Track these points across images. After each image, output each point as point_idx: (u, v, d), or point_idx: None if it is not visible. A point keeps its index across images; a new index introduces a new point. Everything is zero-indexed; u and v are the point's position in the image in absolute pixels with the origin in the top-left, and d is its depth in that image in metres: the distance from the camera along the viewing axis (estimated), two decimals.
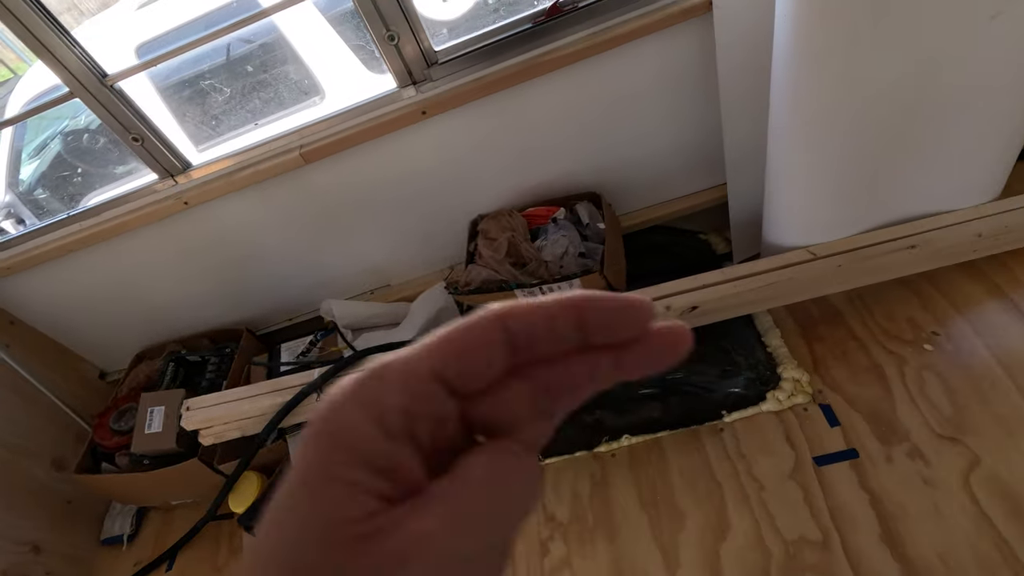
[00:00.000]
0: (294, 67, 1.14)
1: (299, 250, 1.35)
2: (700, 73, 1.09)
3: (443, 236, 1.34)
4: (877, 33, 0.77)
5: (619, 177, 1.26)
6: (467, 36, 1.05)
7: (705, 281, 1.07)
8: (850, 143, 0.92)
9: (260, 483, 1.17)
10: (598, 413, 1.11)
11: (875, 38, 0.78)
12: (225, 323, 1.50)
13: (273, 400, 1.11)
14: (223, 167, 1.17)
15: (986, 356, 1.02)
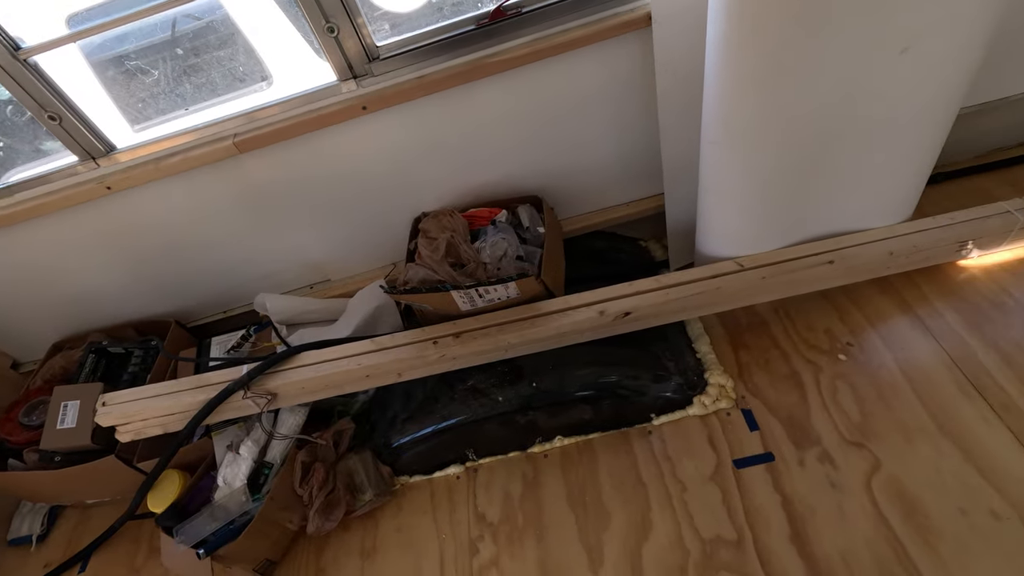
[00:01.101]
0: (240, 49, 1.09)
1: (234, 241, 1.31)
2: (641, 85, 1.11)
3: (385, 233, 1.32)
4: (798, 60, 0.81)
5: (562, 182, 1.28)
6: (410, 33, 1.04)
7: (639, 288, 1.10)
8: (775, 163, 0.96)
9: (182, 481, 1.13)
10: (532, 414, 1.12)
11: (796, 65, 0.82)
12: (153, 314, 1.43)
13: (196, 397, 1.07)
14: (150, 152, 1.12)
15: (892, 367, 1.09)
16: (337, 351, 1.12)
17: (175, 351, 1.35)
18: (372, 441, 1.20)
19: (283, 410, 1.17)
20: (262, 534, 1.05)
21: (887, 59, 0.84)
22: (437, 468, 1.19)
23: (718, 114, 0.92)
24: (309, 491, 1.10)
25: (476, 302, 1.08)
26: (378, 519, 1.15)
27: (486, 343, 1.07)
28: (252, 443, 1.12)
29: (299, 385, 1.09)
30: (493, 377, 1.14)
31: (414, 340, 1.10)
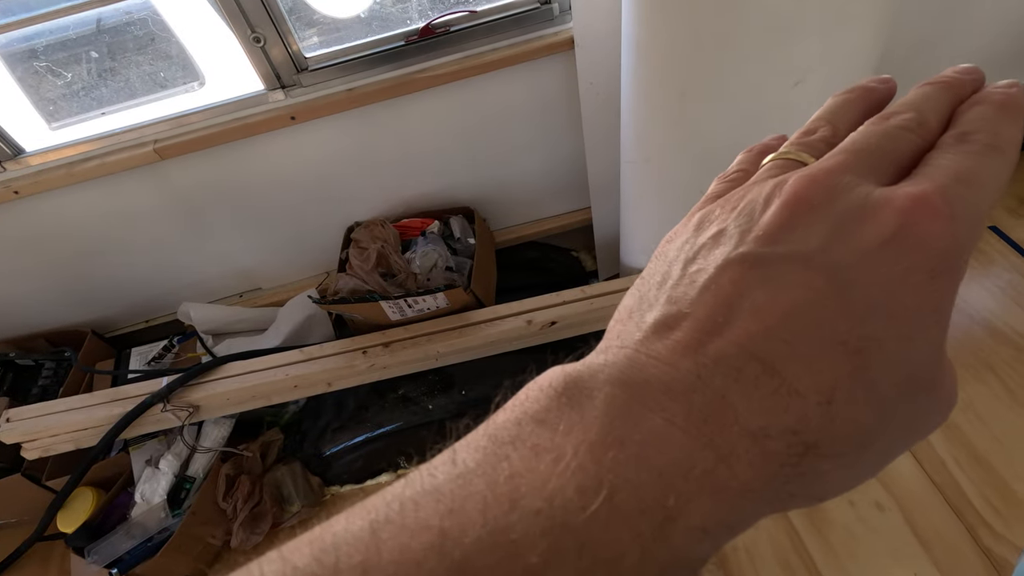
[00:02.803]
0: (171, 51, 1.06)
1: (157, 249, 1.27)
2: (567, 104, 1.16)
3: (318, 242, 1.32)
4: (700, 93, 0.88)
5: (494, 194, 1.31)
6: (339, 46, 1.04)
7: (565, 298, 1.14)
8: (688, 183, 1.03)
9: (95, 499, 1.08)
10: (463, 421, 1.15)
11: (700, 94, 0.88)
12: (67, 324, 1.36)
13: (111, 411, 1.03)
14: (64, 156, 1.08)
15: None
16: (264, 361, 1.10)
17: (91, 363, 1.29)
18: (302, 451, 1.19)
19: (207, 422, 1.14)
20: (182, 550, 1.02)
21: (783, 91, 0.92)
22: (369, 477, 1.19)
23: (634, 136, 0.97)
24: (233, 504, 1.08)
25: (406, 312, 1.09)
26: (307, 530, 1.14)
27: (416, 352, 1.08)
28: (173, 457, 1.09)
29: (223, 397, 1.07)
30: (424, 386, 1.16)
31: (343, 350, 1.10)
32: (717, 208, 0.18)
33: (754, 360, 0.14)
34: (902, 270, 0.14)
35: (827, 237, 0.15)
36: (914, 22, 1.14)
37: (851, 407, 0.14)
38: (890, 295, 0.14)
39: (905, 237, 0.14)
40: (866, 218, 0.15)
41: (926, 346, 0.15)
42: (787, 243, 0.15)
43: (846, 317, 0.14)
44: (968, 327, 1.16)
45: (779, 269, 0.15)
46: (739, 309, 0.15)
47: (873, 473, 0.15)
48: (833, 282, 0.14)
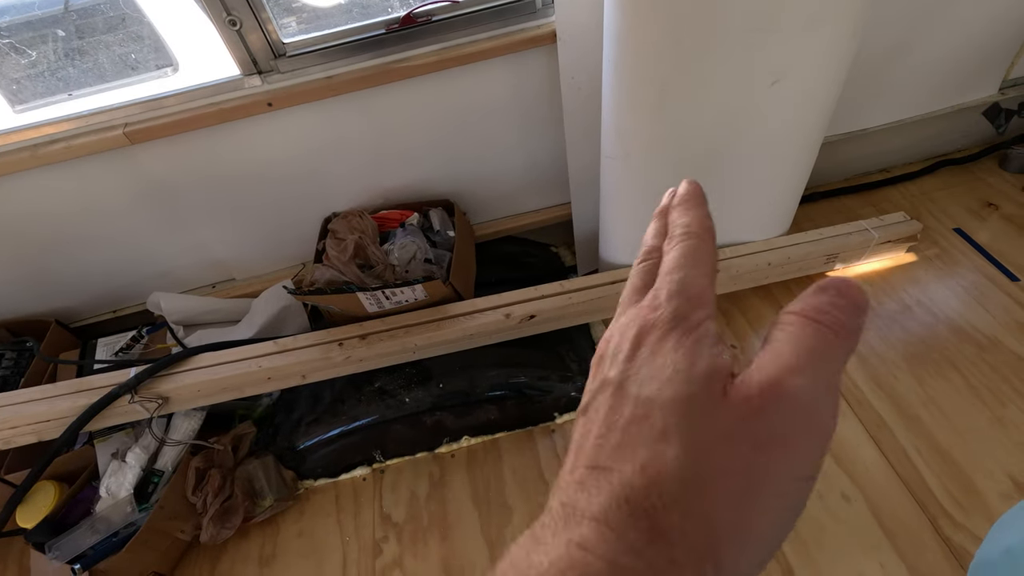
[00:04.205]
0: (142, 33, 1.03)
1: (125, 237, 1.23)
2: (549, 97, 1.16)
3: (293, 232, 1.29)
4: (681, 87, 0.89)
5: (474, 187, 1.31)
6: (318, 32, 1.03)
7: (544, 292, 1.14)
8: (666, 179, 1.04)
9: (58, 494, 1.05)
10: (439, 415, 1.14)
11: (679, 91, 0.89)
12: (30, 313, 1.32)
13: (75, 402, 1.00)
14: (27, 138, 1.04)
15: None
16: (237, 353, 1.08)
17: (55, 353, 1.25)
18: (275, 445, 1.17)
19: (177, 415, 1.12)
20: (149, 545, 1.00)
21: (760, 89, 0.93)
22: (343, 470, 1.18)
23: (614, 132, 0.98)
24: (203, 498, 1.05)
25: (383, 304, 1.08)
26: (279, 524, 1.12)
27: (393, 345, 1.07)
28: (140, 450, 1.06)
29: (194, 388, 1.05)
30: (401, 379, 1.15)
31: (319, 342, 1.08)
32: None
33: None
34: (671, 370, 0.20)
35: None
36: (890, 25, 1.17)
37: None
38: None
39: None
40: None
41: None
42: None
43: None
44: (933, 325, 1.20)
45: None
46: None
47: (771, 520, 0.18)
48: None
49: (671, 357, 0.19)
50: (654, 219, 0.26)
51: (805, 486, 0.18)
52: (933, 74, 1.32)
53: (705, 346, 0.19)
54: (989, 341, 1.15)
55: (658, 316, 0.21)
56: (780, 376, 0.18)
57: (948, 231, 1.37)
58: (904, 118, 1.40)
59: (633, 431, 0.19)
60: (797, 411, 0.17)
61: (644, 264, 0.24)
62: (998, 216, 1.38)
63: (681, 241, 0.23)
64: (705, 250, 0.23)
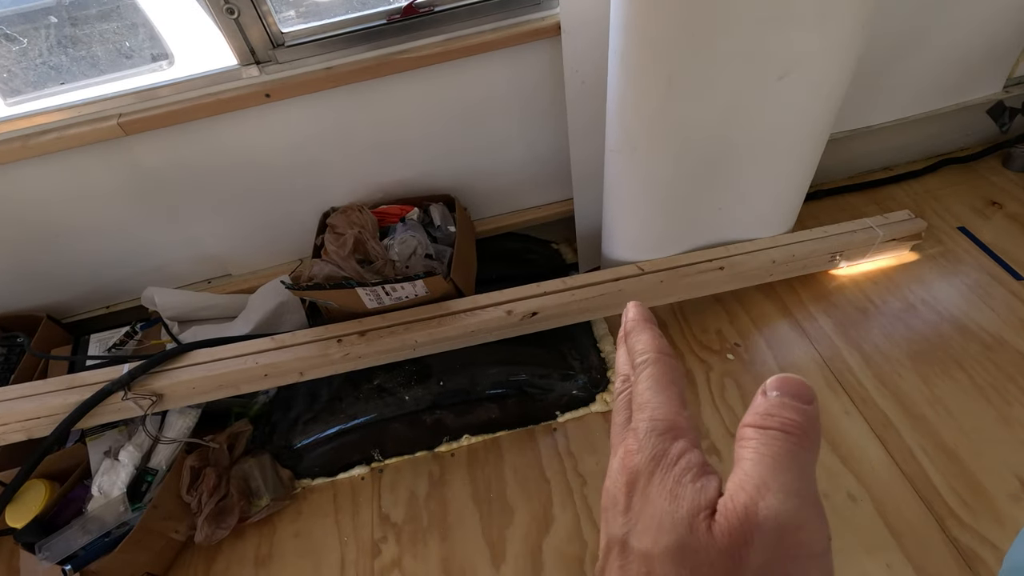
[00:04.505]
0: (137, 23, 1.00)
1: (119, 231, 1.20)
2: (552, 91, 1.15)
3: (291, 227, 1.27)
4: (688, 81, 0.87)
5: (475, 182, 1.29)
6: (317, 22, 1.00)
7: (546, 289, 1.12)
8: (672, 174, 1.03)
9: (48, 493, 1.02)
10: (439, 413, 1.12)
11: (686, 85, 0.87)
12: (21, 308, 1.29)
13: (67, 399, 0.97)
14: (18, 128, 1.01)
15: (772, 365, 1.19)
16: (233, 349, 1.06)
17: (46, 349, 1.22)
18: (272, 443, 1.15)
19: (171, 412, 1.09)
20: (142, 546, 0.98)
21: (767, 84, 0.92)
22: (341, 470, 1.16)
23: (619, 126, 0.96)
24: (198, 498, 1.03)
25: (383, 300, 1.06)
26: (276, 524, 1.10)
27: (393, 342, 1.05)
28: (134, 448, 1.04)
29: (189, 385, 1.03)
30: (400, 376, 1.13)
31: (317, 338, 1.06)
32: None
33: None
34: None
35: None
36: (895, 22, 1.16)
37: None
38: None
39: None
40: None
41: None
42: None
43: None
44: (937, 324, 1.19)
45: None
46: None
47: None
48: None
49: (658, 504, 0.20)
50: (619, 345, 0.28)
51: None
52: (938, 72, 1.31)
53: (686, 484, 0.20)
54: (994, 340, 1.14)
55: (639, 460, 0.22)
56: (752, 500, 0.18)
57: (952, 229, 1.36)
58: (908, 116, 1.39)
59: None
60: (778, 536, 0.18)
61: (623, 396, 0.26)
62: (1002, 215, 1.37)
63: (641, 370, 0.24)
64: (663, 372, 0.24)
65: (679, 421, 0.22)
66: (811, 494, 0.19)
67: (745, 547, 0.18)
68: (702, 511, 0.19)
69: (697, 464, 0.21)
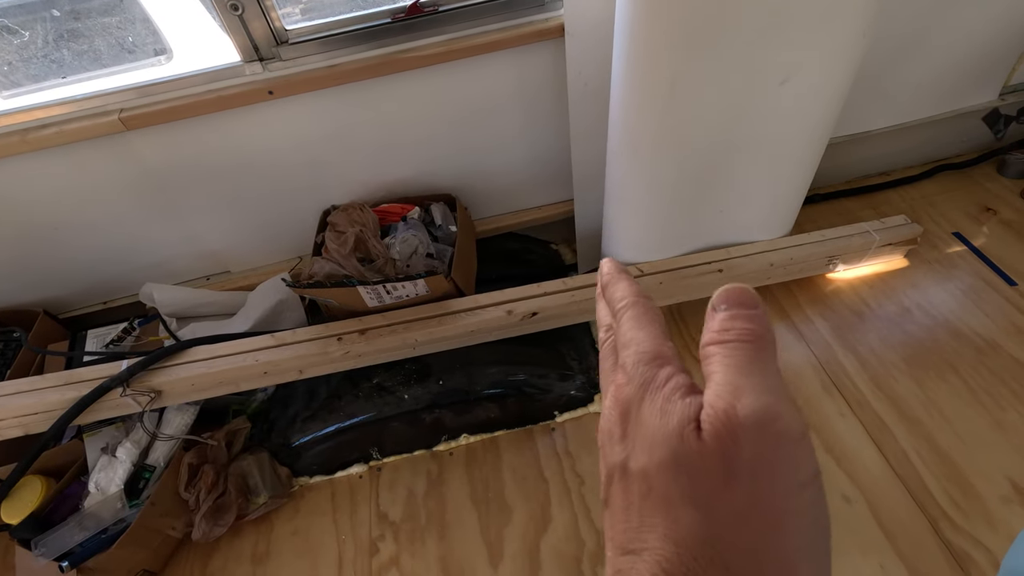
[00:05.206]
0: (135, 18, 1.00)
1: (118, 226, 1.20)
2: (554, 92, 1.15)
3: (291, 224, 1.27)
4: (690, 85, 0.88)
5: (476, 182, 1.29)
6: (322, 20, 1.00)
7: (546, 289, 1.13)
8: (672, 177, 1.03)
9: (44, 489, 1.02)
10: (438, 412, 1.13)
11: (689, 89, 0.88)
12: (17, 302, 1.28)
13: (64, 395, 0.97)
14: (17, 121, 1.00)
15: None
16: (232, 346, 1.06)
17: (43, 344, 1.21)
18: (270, 441, 1.15)
19: (169, 409, 1.09)
20: (139, 543, 0.97)
21: (769, 89, 0.93)
22: (339, 468, 1.16)
23: (621, 128, 0.97)
24: (196, 495, 1.03)
25: (384, 299, 1.06)
26: (273, 522, 1.10)
27: (393, 340, 1.05)
28: (131, 445, 1.03)
29: (188, 382, 1.02)
30: (400, 375, 1.13)
31: (317, 336, 1.06)
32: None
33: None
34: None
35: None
36: (893, 29, 1.17)
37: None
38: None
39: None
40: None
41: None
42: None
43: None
44: (932, 329, 1.20)
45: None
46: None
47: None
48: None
49: (650, 423, 0.21)
50: (598, 300, 0.29)
51: (812, 490, 0.19)
52: (935, 79, 1.33)
53: (675, 400, 0.21)
54: (988, 345, 1.15)
55: (630, 390, 0.22)
56: (730, 405, 0.19)
57: (947, 235, 1.38)
58: (905, 122, 1.40)
59: (647, 507, 0.20)
60: (760, 428, 0.19)
61: (607, 343, 0.26)
62: (996, 221, 1.39)
63: (622, 314, 0.25)
64: (643, 312, 0.25)
65: (664, 350, 0.23)
66: (780, 388, 0.20)
67: (734, 445, 0.19)
68: (690, 422, 0.20)
69: (684, 384, 0.21)
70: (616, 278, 0.27)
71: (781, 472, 0.19)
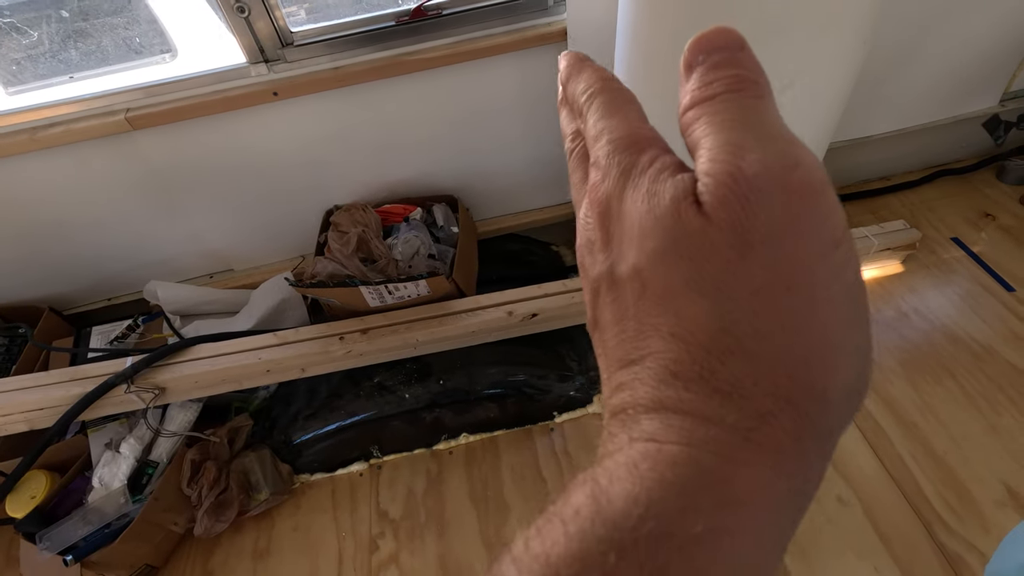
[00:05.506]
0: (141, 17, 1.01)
1: (123, 224, 1.21)
2: (556, 95, 1.16)
3: (294, 224, 1.28)
4: None
5: (478, 183, 1.30)
6: (327, 22, 1.01)
7: (546, 291, 1.14)
8: None
9: (49, 483, 1.03)
10: (438, 412, 1.14)
11: None
12: (23, 299, 1.30)
13: (70, 391, 0.98)
14: (26, 120, 1.02)
15: None
16: (236, 344, 1.07)
17: (48, 341, 1.23)
18: (272, 438, 1.16)
19: (172, 406, 1.10)
20: (142, 537, 0.99)
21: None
22: (340, 466, 1.17)
23: None
24: (198, 491, 1.04)
25: (385, 299, 1.08)
26: (274, 519, 1.11)
27: (394, 340, 1.06)
28: (135, 440, 1.05)
29: (192, 379, 1.04)
30: (400, 374, 1.14)
31: (319, 335, 1.07)
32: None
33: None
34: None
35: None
36: (893, 34, 1.18)
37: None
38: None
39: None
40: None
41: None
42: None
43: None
44: (929, 333, 1.21)
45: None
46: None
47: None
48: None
49: (636, 211, 0.17)
50: (560, 109, 0.23)
51: (845, 248, 0.15)
52: (935, 84, 1.33)
53: (662, 180, 0.17)
54: (985, 350, 1.16)
55: (607, 185, 0.18)
56: (733, 164, 0.15)
57: (946, 240, 1.38)
58: (905, 127, 1.41)
59: (643, 308, 0.16)
60: (775, 182, 0.15)
61: (574, 150, 0.21)
62: (995, 227, 1.40)
63: (587, 105, 0.20)
64: (614, 96, 0.20)
65: (643, 133, 0.19)
66: (788, 134, 0.16)
67: (745, 211, 0.15)
68: (687, 196, 0.16)
69: (673, 163, 0.17)
70: (577, 68, 0.22)
71: (807, 231, 0.15)
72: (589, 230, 0.19)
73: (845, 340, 0.15)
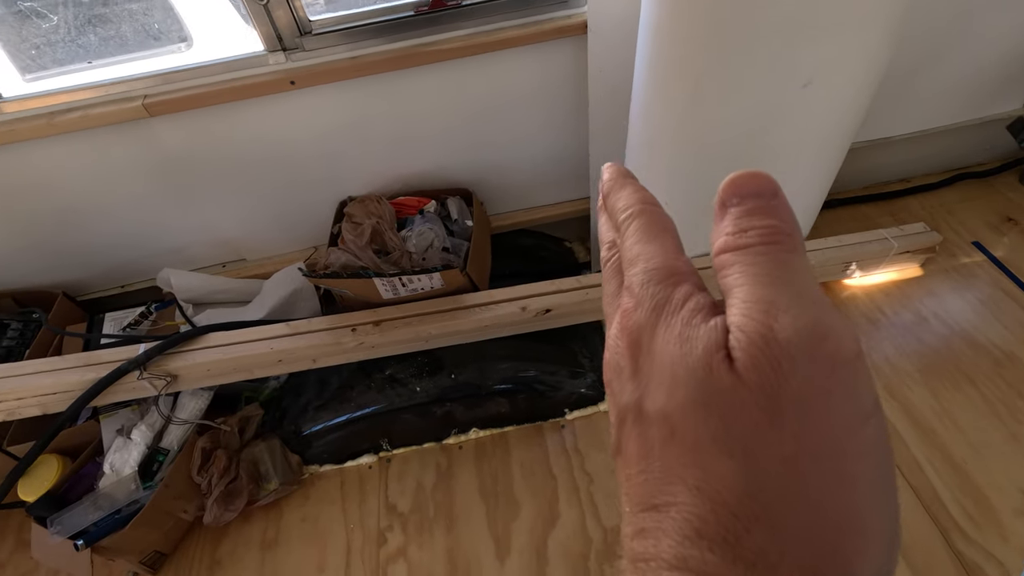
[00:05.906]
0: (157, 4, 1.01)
1: (138, 211, 1.21)
2: (574, 90, 1.15)
3: (307, 214, 1.28)
4: (715, 84, 0.87)
5: (493, 177, 1.29)
6: (345, 11, 1.01)
7: (560, 287, 1.13)
8: (691, 180, 1.03)
9: (61, 468, 1.03)
10: (449, 406, 1.13)
11: (713, 89, 0.87)
12: (38, 284, 1.30)
13: (83, 376, 0.98)
14: (44, 105, 1.02)
15: None
16: (248, 333, 1.07)
17: (61, 326, 1.23)
18: (282, 428, 1.16)
19: (184, 393, 1.10)
20: (152, 524, 0.99)
21: (792, 91, 0.92)
22: (349, 457, 1.17)
23: (642, 126, 0.96)
24: (208, 479, 1.04)
25: (399, 291, 1.07)
26: (283, 509, 1.11)
27: (407, 333, 1.06)
28: (146, 427, 1.05)
29: (204, 367, 1.03)
30: (412, 367, 1.14)
31: (332, 326, 1.07)
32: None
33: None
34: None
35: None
36: (919, 35, 1.15)
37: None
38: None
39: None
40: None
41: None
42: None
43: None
44: (948, 338, 1.19)
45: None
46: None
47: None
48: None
49: (668, 354, 0.17)
50: (600, 213, 0.24)
51: (875, 423, 0.15)
52: (959, 86, 1.31)
53: (696, 325, 0.17)
54: (1006, 356, 1.14)
55: (640, 316, 0.18)
56: (765, 326, 0.15)
57: (967, 244, 1.36)
58: (928, 128, 1.39)
59: (670, 453, 0.17)
60: (805, 351, 0.15)
61: (611, 263, 0.22)
62: (1018, 231, 1.37)
63: (627, 227, 0.21)
64: (652, 222, 0.21)
65: (678, 266, 0.19)
66: (821, 298, 0.16)
67: (776, 376, 0.15)
68: (719, 350, 0.16)
69: (706, 305, 0.17)
70: (620, 184, 0.23)
71: (837, 403, 0.15)
72: (618, 355, 0.19)
73: (874, 519, 0.15)
